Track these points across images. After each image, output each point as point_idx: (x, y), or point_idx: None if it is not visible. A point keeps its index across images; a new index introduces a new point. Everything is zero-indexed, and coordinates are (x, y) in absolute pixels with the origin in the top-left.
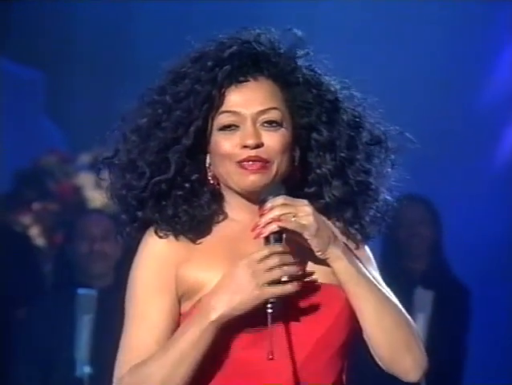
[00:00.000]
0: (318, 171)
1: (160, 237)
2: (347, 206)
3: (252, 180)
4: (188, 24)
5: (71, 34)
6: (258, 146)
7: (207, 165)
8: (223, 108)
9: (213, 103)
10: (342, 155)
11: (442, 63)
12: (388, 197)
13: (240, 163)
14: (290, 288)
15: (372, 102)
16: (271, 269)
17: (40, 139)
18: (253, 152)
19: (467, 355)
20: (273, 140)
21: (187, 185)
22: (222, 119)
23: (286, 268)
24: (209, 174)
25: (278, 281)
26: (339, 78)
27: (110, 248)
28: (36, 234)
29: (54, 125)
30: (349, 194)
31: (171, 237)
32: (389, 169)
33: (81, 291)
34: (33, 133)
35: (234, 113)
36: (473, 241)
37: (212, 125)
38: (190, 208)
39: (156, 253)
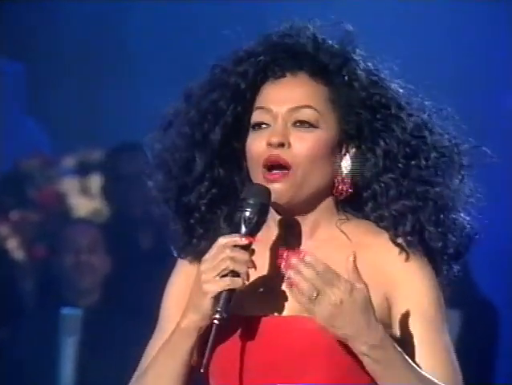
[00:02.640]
0: (375, 184)
1: (182, 258)
2: (406, 218)
3: (272, 190)
4: (181, 21)
5: (56, 27)
6: (283, 145)
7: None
8: (257, 104)
9: (245, 99)
10: (399, 165)
11: (467, 64)
12: (462, 216)
13: (264, 171)
14: (238, 281)
15: (444, 111)
16: (220, 262)
17: (20, 141)
18: (275, 152)
19: (496, 375)
20: (301, 142)
21: (203, 208)
22: (254, 116)
23: (236, 258)
24: None
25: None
26: (404, 82)
27: (98, 261)
28: (15, 247)
29: (35, 125)
30: (409, 206)
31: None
32: (461, 185)
33: (65, 310)
34: (12, 133)
35: (266, 110)
36: (500, 257)
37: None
38: (206, 232)
39: (178, 274)
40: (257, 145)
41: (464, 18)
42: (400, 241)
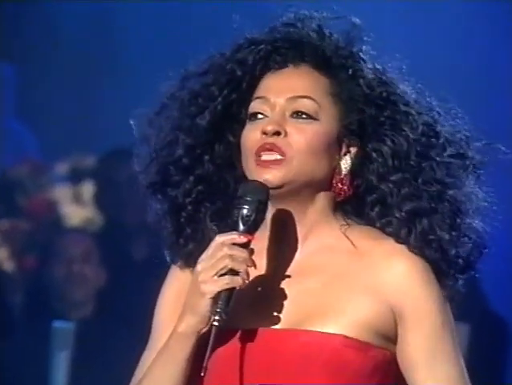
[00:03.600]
0: (383, 185)
1: (173, 262)
2: (418, 220)
3: (265, 176)
4: (173, 23)
5: (47, 28)
6: (278, 133)
7: None
8: (255, 95)
9: (240, 88)
10: (411, 163)
11: (469, 66)
12: (476, 221)
13: (257, 158)
14: (238, 280)
15: (451, 108)
16: (218, 260)
17: (8, 146)
18: (270, 139)
19: None
20: (298, 133)
21: (189, 208)
22: (251, 106)
23: (235, 256)
24: None
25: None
26: (409, 80)
27: (91, 272)
28: (4, 257)
29: (25, 129)
30: (423, 207)
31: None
32: (475, 187)
33: (57, 324)
34: (0, 138)
35: (264, 99)
36: (509, 268)
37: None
38: (194, 233)
39: (170, 284)
40: (251, 135)
41: (466, 19)
42: (406, 247)
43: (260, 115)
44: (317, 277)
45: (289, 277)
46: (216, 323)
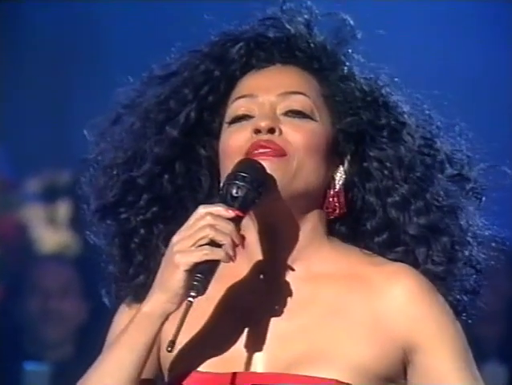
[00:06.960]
0: (388, 198)
1: (118, 296)
2: (437, 235)
3: (263, 163)
4: (158, 26)
5: (14, 29)
6: (273, 130)
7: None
8: (236, 95)
9: (218, 89)
10: (418, 174)
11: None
12: (474, 247)
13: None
14: (219, 252)
15: (454, 125)
16: (198, 229)
17: None
18: (265, 136)
19: None
20: (295, 130)
21: (142, 231)
22: (233, 108)
23: (218, 226)
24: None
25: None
26: (406, 91)
27: (68, 306)
28: None
29: None
30: (436, 222)
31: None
32: (474, 210)
33: (29, 366)
34: None
35: (250, 97)
36: None
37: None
38: (145, 260)
39: (122, 318)
40: (237, 136)
41: (466, 19)
42: (410, 266)
43: (246, 118)
44: (308, 311)
45: (275, 311)
46: (191, 299)
